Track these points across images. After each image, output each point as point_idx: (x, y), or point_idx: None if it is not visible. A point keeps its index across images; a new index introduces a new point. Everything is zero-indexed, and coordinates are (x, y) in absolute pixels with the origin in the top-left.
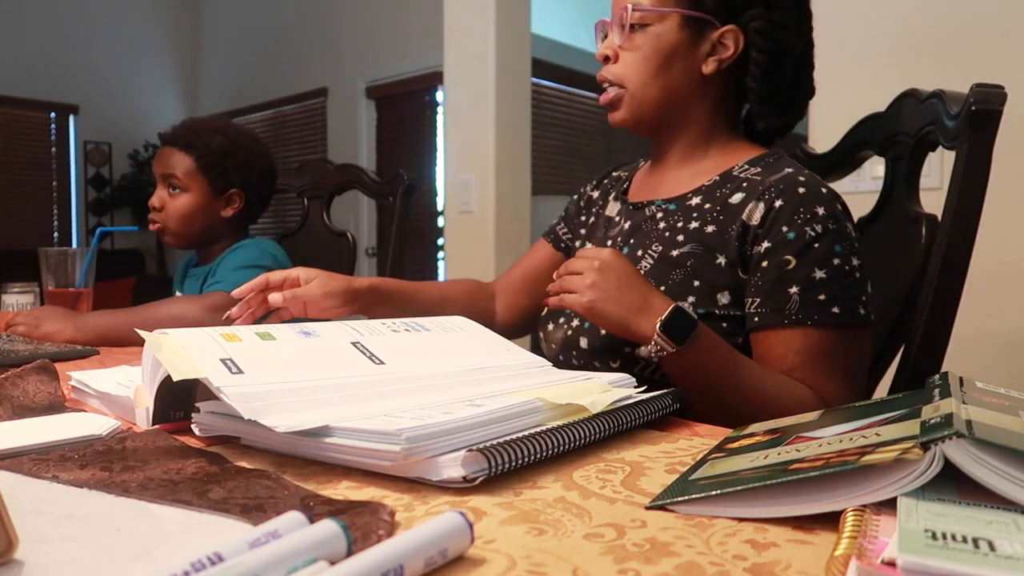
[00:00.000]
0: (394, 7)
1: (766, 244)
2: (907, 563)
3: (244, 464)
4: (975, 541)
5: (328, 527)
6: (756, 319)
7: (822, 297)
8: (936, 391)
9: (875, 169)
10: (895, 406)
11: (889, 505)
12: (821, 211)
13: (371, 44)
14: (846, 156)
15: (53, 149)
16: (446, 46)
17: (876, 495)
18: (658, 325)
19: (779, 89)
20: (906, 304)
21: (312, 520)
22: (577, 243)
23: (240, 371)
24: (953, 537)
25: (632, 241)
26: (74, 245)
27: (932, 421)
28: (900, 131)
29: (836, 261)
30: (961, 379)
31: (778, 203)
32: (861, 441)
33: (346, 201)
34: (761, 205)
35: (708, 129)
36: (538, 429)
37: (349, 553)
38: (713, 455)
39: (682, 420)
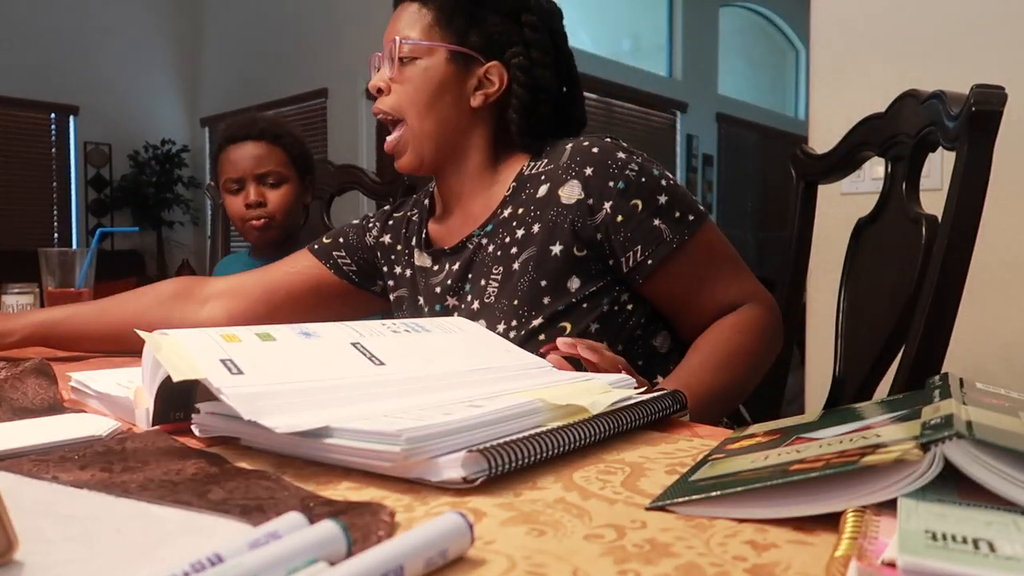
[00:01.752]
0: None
1: (608, 204)
2: (907, 564)
3: (244, 465)
4: (975, 542)
5: (328, 528)
6: (649, 261)
7: (677, 214)
8: (936, 392)
9: (875, 170)
10: (895, 407)
11: (889, 506)
12: (621, 155)
13: (371, 44)
14: (846, 157)
15: (53, 150)
16: None
17: (876, 496)
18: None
19: (538, 123)
20: (906, 304)
21: (312, 521)
22: (392, 295)
23: (240, 372)
24: (953, 538)
25: (470, 276)
26: (74, 246)
27: (932, 422)
28: (900, 132)
29: (663, 182)
30: (961, 380)
31: (588, 171)
32: (861, 442)
33: (346, 202)
34: (574, 183)
35: (491, 156)
36: (538, 430)
37: (349, 554)
38: (713, 456)
39: (682, 421)
